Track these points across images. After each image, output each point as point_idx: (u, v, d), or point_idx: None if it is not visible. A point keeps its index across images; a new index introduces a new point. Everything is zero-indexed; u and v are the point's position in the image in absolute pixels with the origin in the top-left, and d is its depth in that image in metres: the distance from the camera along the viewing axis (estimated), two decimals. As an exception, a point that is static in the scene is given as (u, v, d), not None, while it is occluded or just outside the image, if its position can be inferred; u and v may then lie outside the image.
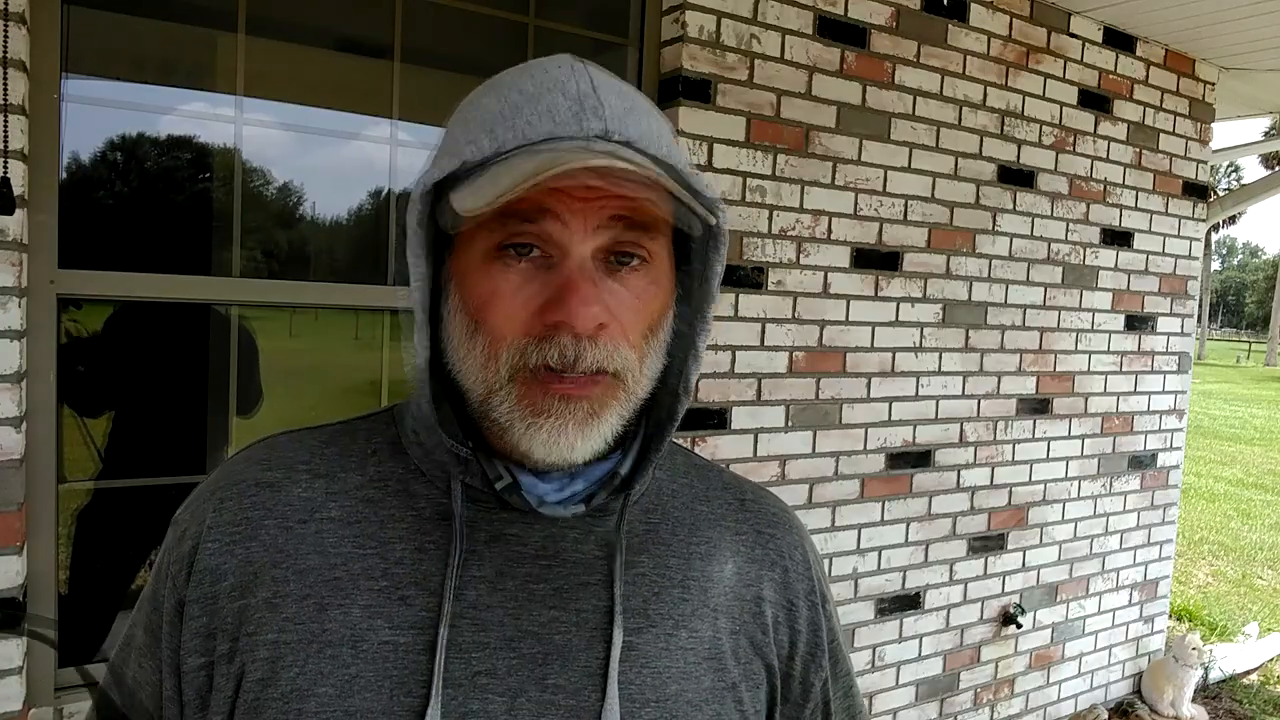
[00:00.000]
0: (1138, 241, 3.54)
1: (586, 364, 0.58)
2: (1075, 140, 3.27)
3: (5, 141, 1.59)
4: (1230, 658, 4.36)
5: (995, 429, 3.17)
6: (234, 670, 0.61)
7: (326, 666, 0.60)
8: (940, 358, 2.99)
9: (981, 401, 3.12)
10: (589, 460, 0.63)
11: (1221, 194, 4.26)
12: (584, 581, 0.64)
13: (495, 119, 0.59)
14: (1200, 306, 30.33)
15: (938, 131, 2.88)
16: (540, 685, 0.61)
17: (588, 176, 0.56)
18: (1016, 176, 3.11)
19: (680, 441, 0.75)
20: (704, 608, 0.68)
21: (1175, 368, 3.79)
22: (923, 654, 3.06)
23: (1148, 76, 3.45)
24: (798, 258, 2.62)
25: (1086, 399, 3.46)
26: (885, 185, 2.78)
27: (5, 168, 1.60)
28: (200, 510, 0.67)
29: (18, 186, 1.63)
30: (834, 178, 2.67)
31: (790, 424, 2.65)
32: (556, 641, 0.62)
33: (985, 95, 2.99)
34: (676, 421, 0.67)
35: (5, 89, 1.59)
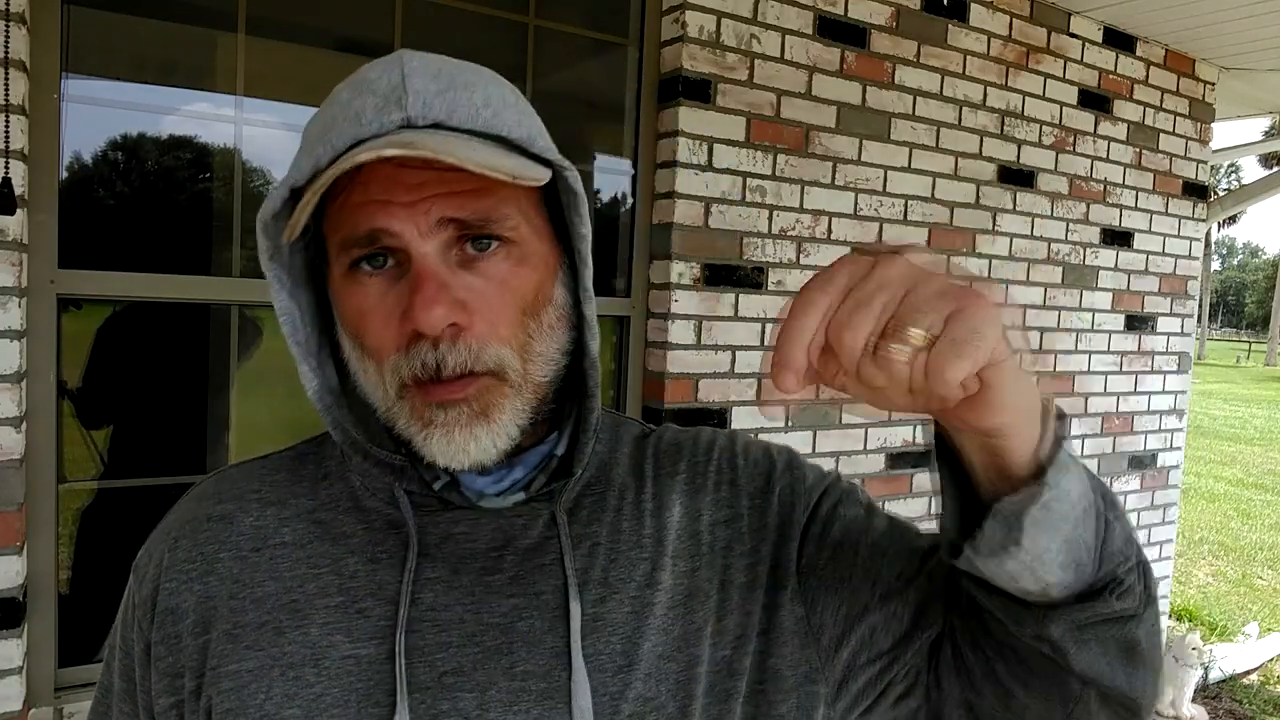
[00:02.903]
0: (1138, 241, 3.54)
1: (450, 369, 0.57)
2: (1075, 140, 3.27)
3: (6, 141, 1.59)
4: (1230, 658, 4.36)
5: (995, 429, 3.17)
6: (202, 706, 0.61)
7: (291, 689, 0.59)
8: (940, 358, 2.99)
9: (981, 401, 3.12)
10: (517, 448, 0.62)
11: (1221, 194, 4.26)
12: (539, 564, 0.64)
13: (316, 138, 0.57)
14: (1200, 306, 30.34)
15: (938, 131, 2.88)
16: (509, 675, 0.60)
17: (404, 174, 0.55)
18: (1016, 176, 3.11)
19: (611, 412, 0.74)
20: (663, 558, 0.66)
21: (1175, 368, 3.79)
22: (923, 654, 3.06)
23: (1148, 76, 3.45)
24: (798, 258, 2.62)
25: (1086, 399, 3.46)
26: (885, 185, 2.78)
27: (6, 168, 1.60)
28: (157, 552, 0.67)
29: (18, 186, 1.63)
30: (834, 178, 2.67)
31: (790, 424, 2.65)
32: (520, 628, 0.61)
33: (985, 95, 2.99)
34: (594, 396, 0.65)
35: (5, 89, 1.59)
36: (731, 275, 2.50)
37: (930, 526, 0.65)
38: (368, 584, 0.62)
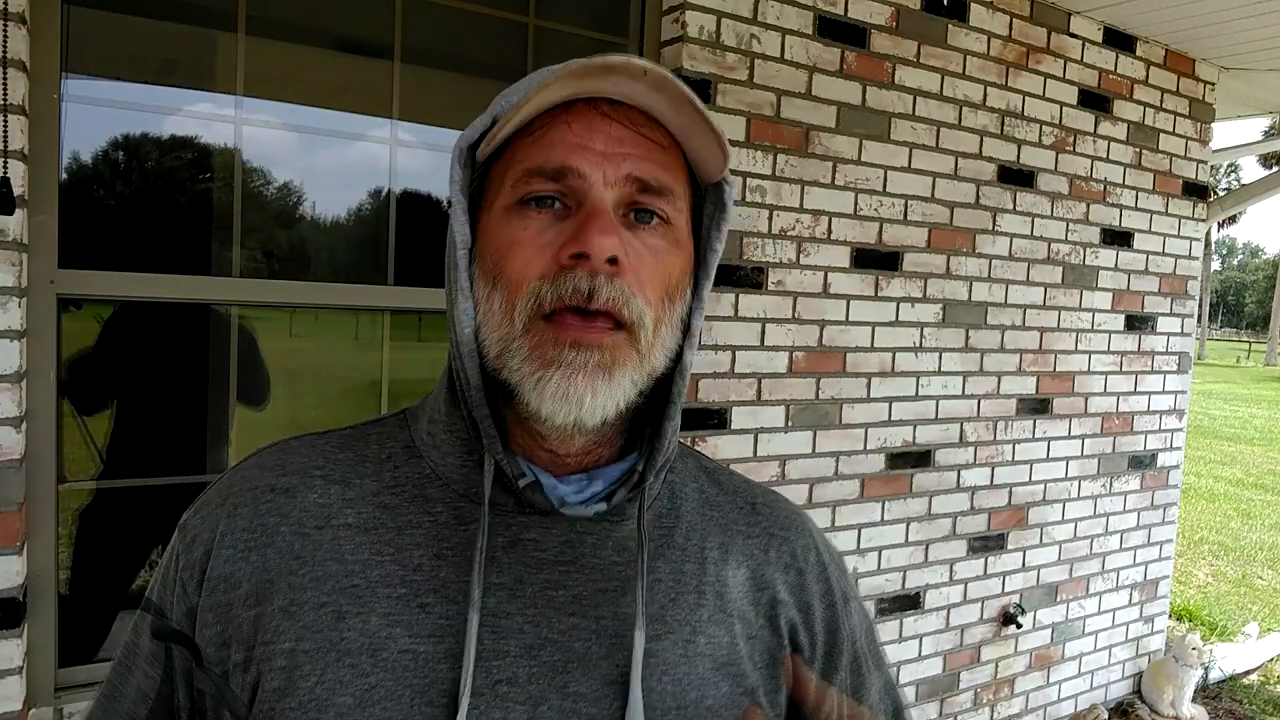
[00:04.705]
0: (1138, 241, 3.54)
1: (602, 299, 0.57)
2: (1075, 140, 3.27)
3: (5, 141, 1.59)
4: (1230, 658, 4.36)
5: (995, 429, 3.17)
6: (249, 680, 0.60)
7: (345, 675, 0.59)
8: (940, 358, 2.99)
9: (981, 401, 3.12)
10: (596, 462, 0.63)
11: (1221, 194, 4.26)
12: (603, 588, 0.64)
13: (534, 78, 0.61)
14: (1200, 306, 30.31)
15: (938, 131, 2.88)
16: (561, 693, 0.60)
17: (606, 126, 0.58)
18: (1016, 176, 3.11)
19: (683, 443, 0.74)
20: (720, 613, 0.67)
21: (1175, 368, 3.79)
22: (923, 654, 3.06)
23: (1148, 76, 3.45)
24: (798, 258, 2.62)
25: (1086, 399, 3.46)
26: (885, 185, 2.78)
27: (5, 168, 1.60)
28: (212, 516, 0.65)
29: (17, 186, 1.63)
30: (834, 178, 2.67)
31: (790, 424, 2.65)
32: (577, 649, 0.62)
33: (985, 95, 2.99)
34: (677, 402, 0.65)
35: (5, 89, 1.59)
36: (731, 275, 2.50)
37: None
38: (431, 579, 0.62)
